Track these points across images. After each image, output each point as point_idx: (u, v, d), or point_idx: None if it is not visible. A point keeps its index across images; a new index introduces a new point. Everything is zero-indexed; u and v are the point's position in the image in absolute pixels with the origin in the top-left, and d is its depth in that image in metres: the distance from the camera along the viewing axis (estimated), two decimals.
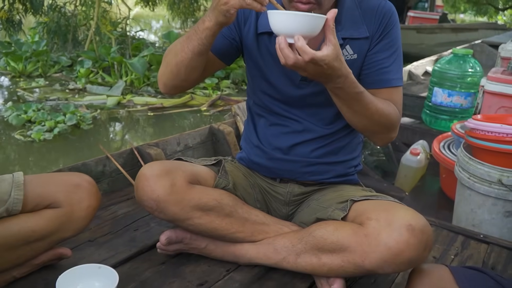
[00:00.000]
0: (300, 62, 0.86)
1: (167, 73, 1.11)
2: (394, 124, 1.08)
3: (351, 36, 1.08)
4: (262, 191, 1.25)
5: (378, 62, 1.09)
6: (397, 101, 1.11)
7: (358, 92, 0.98)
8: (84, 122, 3.73)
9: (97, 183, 1.60)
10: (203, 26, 0.98)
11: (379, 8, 1.10)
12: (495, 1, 17.06)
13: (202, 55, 1.04)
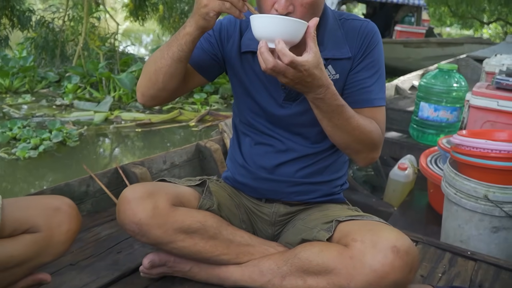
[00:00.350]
0: (280, 66, 0.86)
1: (145, 81, 1.09)
2: (376, 142, 1.07)
3: (333, 56, 1.08)
4: (248, 211, 1.23)
5: (360, 81, 1.09)
6: (380, 121, 1.10)
7: (340, 105, 0.97)
8: (70, 139, 3.69)
9: (81, 204, 1.59)
10: (183, 32, 0.98)
11: (361, 28, 1.10)
12: (480, 15, 17.44)
13: (182, 62, 1.02)
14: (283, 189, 1.17)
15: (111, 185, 1.67)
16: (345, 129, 1.01)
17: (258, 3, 0.99)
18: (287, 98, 1.11)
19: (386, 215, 2.01)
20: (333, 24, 1.10)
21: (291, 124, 1.14)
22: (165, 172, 1.88)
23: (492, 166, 1.43)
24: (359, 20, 1.12)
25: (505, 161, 1.40)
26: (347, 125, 1.01)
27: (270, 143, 1.17)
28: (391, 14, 10.16)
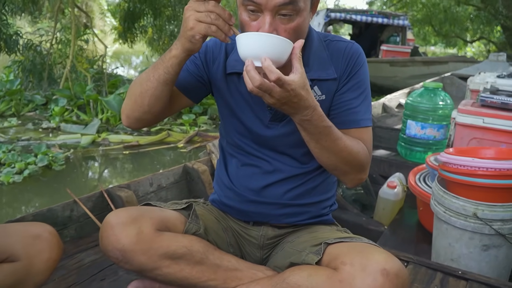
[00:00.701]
0: (266, 84, 0.85)
1: (131, 103, 1.08)
2: (363, 163, 1.07)
3: (319, 77, 1.08)
4: (235, 235, 1.21)
5: (346, 102, 1.09)
6: (366, 141, 1.10)
7: (327, 126, 0.97)
8: (56, 162, 3.64)
9: (64, 229, 1.55)
10: (169, 55, 0.97)
11: (347, 49, 1.11)
12: (464, 34, 17.90)
13: (168, 84, 1.02)
14: (271, 211, 1.15)
15: (96, 210, 1.63)
16: (333, 151, 1.01)
17: (242, 29, 0.99)
18: (273, 119, 1.11)
19: (377, 234, 2.00)
20: (318, 46, 1.10)
21: (277, 144, 1.13)
22: (151, 195, 1.85)
23: (480, 184, 1.42)
24: (344, 42, 1.13)
25: (493, 178, 1.40)
26: (334, 146, 1.00)
27: (257, 164, 1.16)
28: (377, 34, 10.37)
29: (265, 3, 0.91)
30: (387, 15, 9.80)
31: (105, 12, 12.66)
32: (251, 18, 0.95)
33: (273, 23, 0.93)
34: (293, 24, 0.95)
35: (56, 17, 6.59)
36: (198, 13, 0.90)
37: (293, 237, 1.15)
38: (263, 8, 0.92)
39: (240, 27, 1.01)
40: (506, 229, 1.41)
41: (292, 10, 0.93)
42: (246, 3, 0.93)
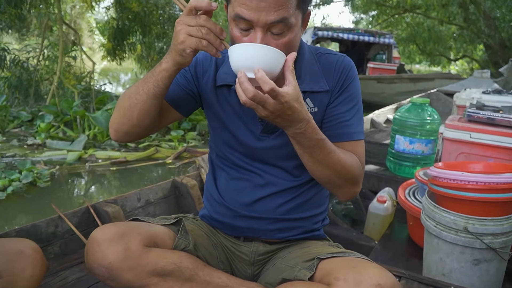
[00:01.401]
0: (260, 95, 0.84)
1: (119, 117, 1.06)
2: (357, 176, 1.06)
3: (311, 89, 1.08)
4: (226, 251, 1.18)
5: (339, 115, 1.09)
6: (359, 154, 1.10)
7: (320, 139, 0.96)
8: (41, 179, 3.56)
9: (48, 246, 1.50)
10: (159, 68, 0.96)
11: (338, 62, 1.11)
12: (447, 53, 18.31)
13: (157, 98, 1.00)
14: (263, 226, 1.13)
15: (81, 225, 1.59)
16: (326, 164, 1.00)
17: (233, 41, 0.99)
18: (265, 131, 1.10)
19: (368, 249, 1.98)
20: (309, 58, 1.11)
21: (269, 157, 1.12)
22: (139, 210, 1.81)
23: (470, 197, 1.42)
24: (335, 55, 1.14)
25: (482, 192, 1.41)
26: (328, 159, 0.99)
27: (247, 177, 1.14)
28: (363, 52, 10.55)
29: (256, 21, 0.91)
30: (373, 33, 10.00)
31: (94, 30, 12.68)
32: (242, 34, 0.95)
33: (264, 38, 0.93)
34: (284, 39, 0.95)
35: (44, 34, 6.57)
36: (189, 27, 0.90)
37: (285, 253, 1.13)
38: (255, 25, 0.92)
39: (231, 42, 1.01)
40: (496, 243, 1.41)
41: (284, 27, 0.94)
42: (237, 21, 0.93)
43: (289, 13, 0.92)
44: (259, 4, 0.90)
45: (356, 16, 19.44)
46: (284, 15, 0.92)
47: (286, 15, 0.92)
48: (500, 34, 11.50)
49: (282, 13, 0.91)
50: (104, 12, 9.57)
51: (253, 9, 0.90)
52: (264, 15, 0.90)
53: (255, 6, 0.90)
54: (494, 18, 11.87)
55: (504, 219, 1.40)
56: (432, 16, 14.08)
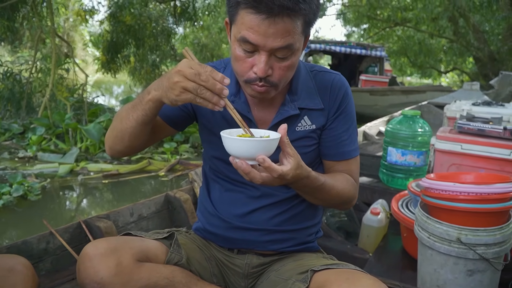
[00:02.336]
0: (268, 180, 0.89)
1: (112, 137, 1.08)
2: (353, 197, 1.13)
3: (306, 106, 1.11)
4: (219, 264, 1.17)
5: (337, 136, 1.13)
6: (353, 171, 1.15)
7: (320, 184, 1.02)
8: (32, 192, 3.52)
9: (39, 262, 1.48)
10: (147, 97, 0.95)
11: (333, 83, 1.14)
12: (438, 65, 18.56)
13: (146, 125, 1.01)
14: (257, 237, 1.13)
15: (73, 241, 1.57)
16: (326, 199, 1.08)
17: (236, 62, 1.00)
18: None
19: (362, 262, 1.98)
20: (305, 75, 1.13)
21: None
22: (132, 225, 1.79)
23: (462, 208, 1.43)
24: (330, 73, 1.16)
25: (474, 203, 1.41)
26: (328, 196, 1.06)
27: (242, 190, 1.15)
28: (356, 64, 10.66)
29: (263, 46, 0.93)
30: (365, 46, 10.11)
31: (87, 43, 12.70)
32: (246, 55, 0.96)
33: (268, 62, 0.95)
34: (288, 62, 0.97)
35: (36, 46, 6.56)
36: (187, 81, 0.86)
37: (279, 265, 1.13)
38: (260, 49, 0.94)
39: (232, 59, 1.01)
40: (490, 254, 1.42)
41: (288, 52, 0.95)
42: (243, 42, 0.94)
43: (295, 39, 0.94)
44: (267, 31, 0.90)
45: (348, 29, 19.72)
46: (290, 41, 0.93)
47: (291, 42, 0.94)
48: (489, 47, 11.70)
49: (288, 39, 0.93)
50: (98, 25, 9.61)
51: (261, 34, 0.91)
52: (271, 41, 0.92)
53: (263, 32, 0.91)
54: (483, 32, 12.08)
55: (496, 229, 1.41)
56: (423, 30, 14.29)
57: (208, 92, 0.86)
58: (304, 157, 1.07)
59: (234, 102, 1.09)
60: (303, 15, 0.93)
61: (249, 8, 0.90)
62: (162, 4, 8.91)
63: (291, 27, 0.92)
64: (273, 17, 0.89)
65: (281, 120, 1.08)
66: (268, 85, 0.98)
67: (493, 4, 7.99)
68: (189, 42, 15.53)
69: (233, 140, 0.88)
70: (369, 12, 13.58)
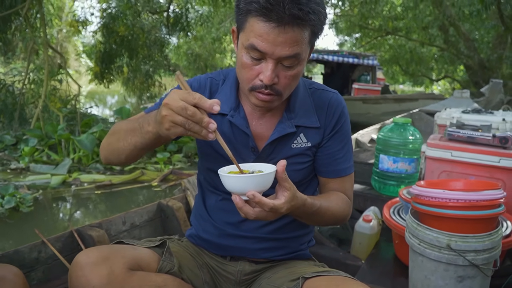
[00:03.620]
0: (261, 215, 0.89)
1: (109, 150, 1.08)
2: (347, 215, 1.16)
3: (303, 124, 1.12)
4: (211, 271, 1.18)
5: (332, 154, 1.15)
6: (347, 188, 1.17)
7: (316, 209, 1.03)
8: (24, 204, 3.50)
9: (31, 272, 1.47)
10: (147, 128, 0.95)
11: (331, 101, 1.15)
12: (429, 73, 18.75)
13: (144, 149, 1.02)
14: (249, 245, 1.14)
15: (65, 250, 1.57)
16: (321, 221, 1.10)
17: (242, 69, 1.00)
18: (258, 160, 1.12)
19: (355, 269, 1.98)
20: (303, 92, 1.15)
21: None
22: (124, 234, 1.79)
23: (452, 215, 1.45)
24: (328, 92, 1.18)
25: (463, 210, 1.43)
26: (323, 218, 1.08)
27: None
28: (348, 73, 10.75)
29: (271, 54, 0.94)
30: (357, 55, 10.22)
31: (80, 53, 12.70)
32: (253, 63, 0.97)
33: (275, 70, 0.96)
34: (293, 72, 0.99)
35: (29, 58, 6.56)
36: (175, 115, 0.84)
37: (270, 273, 1.14)
38: (268, 57, 0.95)
39: (238, 66, 1.02)
40: (479, 260, 1.43)
41: (295, 61, 0.97)
42: (251, 49, 0.95)
43: (302, 48, 0.96)
44: (276, 39, 0.92)
45: (340, 39, 19.90)
46: (297, 51, 0.95)
47: (299, 51, 0.95)
48: (479, 55, 11.85)
49: (296, 49, 0.94)
50: (91, 36, 9.63)
51: (270, 42, 0.92)
52: (279, 49, 0.93)
53: (272, 40, 0.92)
54: (473, 40, 12.24)
55: (485, 235, 1.43)
56: (414, 38, 14.46)
57: (197, 126, 0.84)
58: (298, 174, 1.10)
59: (234, 117, 1.10)
60: (312, 26, 0.95)
61: (259, 16, 0.91)
62: (155, 15, 8.96)
63: (299, 37, 0.93)
64: (283, 26, 0.90)
65: (278, 137, 1.10)
66: (273, 93, 1.00)
67: (483, 13, 8.11)
68: (182, 52, 15.61)
69: (225, 176, 0.90)
70: (361, 21, 13.72)
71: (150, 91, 9.57)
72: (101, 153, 1.12)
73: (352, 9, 13.99)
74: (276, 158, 1.11)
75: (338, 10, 15.61)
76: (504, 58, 10.78)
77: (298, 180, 1.15)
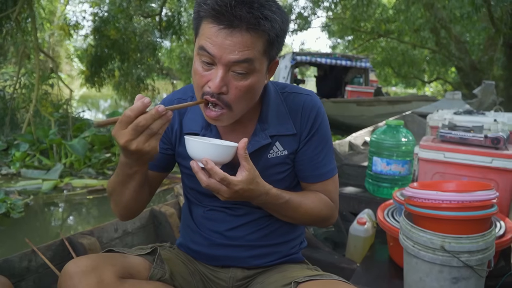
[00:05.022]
0: (213, 184, 0.90)
1: (121, 208, 1.10)
2: (327, 218, 1.13)
3: (278, 133, 1.09)
4: (203, 279, 1.16)
5: (311, 158, 1.11)
6: (331, 191, 1.14)
7: (284, 202, 1.02)
8: (14, 210, 3.45)
9: (21, 281, 1.45)
10: (129, 171, 0.96)
11: (305, 104, 1.11)
12: (421, 75, 18.88)
13: (144, 184, 1.04)
14: (240, 253, 1.13)
15: (56, 259, 1.54)
16: (294, 217, 1.08)
17: (194, 77, 0.99)
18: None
19: (349, 272, 1.97)
20: (275, 99, 1.11)
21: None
22: (116, 241, 1.77)
23: (445, 216, 1.45)
24: (302, 94, 1.13)
25: (456, 211, 1.43)
26: (295, 213, 1.07)
27: (222, 209, 1.15)
28: (341, 75, 10.78)
29: (219, 57, 0.91)
30: (350, 58, 10.24)
31: (72, 57, 12.59)
32: (204, 68, 0.95)
33: (225, 78, 0.93)
34: (246, 82, 0.94)
35: (20, 62, 6.50)
36: (126, 133, 0.85)
37: (263, 278, 1.13)
38: (217, 61, 0.92)
39: (192, 73, 1.01)
40: (473, 261, 1.43)
41: (247, 69, 0.93)
42: (201, 52, 0.93)
43: (254, 55, 0.92)
44: (224, 42, 0.90)
45: (333, 41, 19.96)
46: (248, 56, 0.91)
47: (250, 56, 0.92)
48: (471, 57, 11.95)
49: (246, 54, 0.91)
50: (82, 39, 9.58)
51: (218, 45, 0.90)
52: (227, 53, 0.90)
53: (220, 42, 0.90)
54: (464, 42, 12.35)
55: (479, 236, 1.43)
56: (405, 41, 14.56)
57: (149, 120, 0.85)
58: (279, 183, 1.08)
59: (206, 136, 1.08)
60: (265, 33, 0.92)
61: (209, 18, 0.91)
62: (148, 18, 8.94)
63: (249, 42, 0.90)
64: (232, 28, 0.89)
65: (253, 151, 1.07)
66: (221, 104, 0.95)
67: (473, 15, 8.19)
68: (175, 56, 15.58)
69: (187, 140, 0.93)
70: (353, 24, 13.80)
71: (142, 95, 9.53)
72: (118, 216, 1.14)
73: (345, 12, 14.07)
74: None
75: (331, 13, 15.69)
76: (495, 60, 10.88)
77: (281, 189, 1.14)
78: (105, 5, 8.43)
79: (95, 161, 4.81)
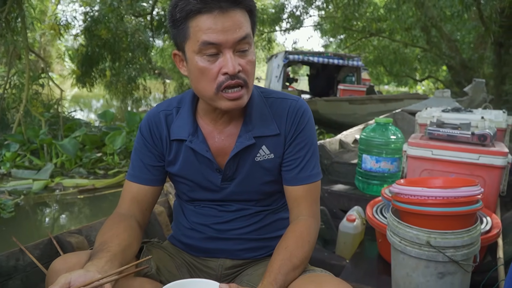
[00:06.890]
0: None
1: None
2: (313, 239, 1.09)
3: (262, 134, 1.10)
4: (191, 270, 1.18)
5: (295, 161, 1.12)
6: (313, 199, 1.12)
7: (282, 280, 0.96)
8: (4, 210, 3.43)
9: (9, 280, 1.44)
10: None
11: (290, 108, 1.12)
12: (413, 74, 18.99)
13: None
14: (231, 246, 1.15)
15: (44, 258, 1.54)
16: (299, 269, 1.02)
17: (201, 76, 0.99)
18: (224, 179, 1.12)
19: (339, 268, 1.99)
20: (258, 102, 1.12)
21: (234, 198, 1.15)
22: None
23: (431, 212, 1.47)
24: (288, 99, 1.14)
25: (442, 206, 1.45)
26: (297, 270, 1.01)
27: (214, 206, 1.17)
28: (333, 74, 10.82)
29: (225, 41, 0.94)
30: (342, 56, 10.28)
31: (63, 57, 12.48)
32: (210, 61, 0.96)
33: (235, 58, 0.96)
34: (249, 57, 0.99)
35: (10, 62, 6.45)
36: None
37: (252, 270, 1.15)
38: (223, 47, 0.94)
39: (197, 77, 1.00)
40: (459, 256, 1.45)
41: (247, 44, 0.97)
42: (204, 47, 0.94)
43: (248, 30, 0.97)
44: (224, 25, 0.93)
45: (325, 40, 20.01)
46: (247, 31, 0.96)
47: (248, 31, 0.97)
48: (461, 55, 12.05)
49: (244, 29, 0.96)
50: (72, 39, 9.52)
51: (220, 31, 0.93)
52: (231, 34, 0.93)
53: (221, 27, 0.92)
54: (454, 40, 12.45)
55: (464, 231, 1.45)
56: (397, 40, 14.64)
57: None
58: (267, 186, 1.10)
59: (192, 142, 1.09)
60: (246, 6, 0.97)
61: (200, 12, 0.93)
62: (139, 18, 8.90)
63: (242, 18, 0.95)
64: (225, 11, 0.92)
65: (238, 152, 1.08)
66: (241, 83, 0.98)
67: (463, 14, 8.26)
68: (167, 55, 15.52)
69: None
70: (345, 23, 13.85)
71: (133, 94, 9.49)
72: None
73: (336, 11, 14.11)
74: (241, 173, 1.11)
75: (323, 12, 15.73)
76: (485, 58, 10.98)
77: (269, 192, 1.15)
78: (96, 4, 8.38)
79: (86, 161, 4.79)
